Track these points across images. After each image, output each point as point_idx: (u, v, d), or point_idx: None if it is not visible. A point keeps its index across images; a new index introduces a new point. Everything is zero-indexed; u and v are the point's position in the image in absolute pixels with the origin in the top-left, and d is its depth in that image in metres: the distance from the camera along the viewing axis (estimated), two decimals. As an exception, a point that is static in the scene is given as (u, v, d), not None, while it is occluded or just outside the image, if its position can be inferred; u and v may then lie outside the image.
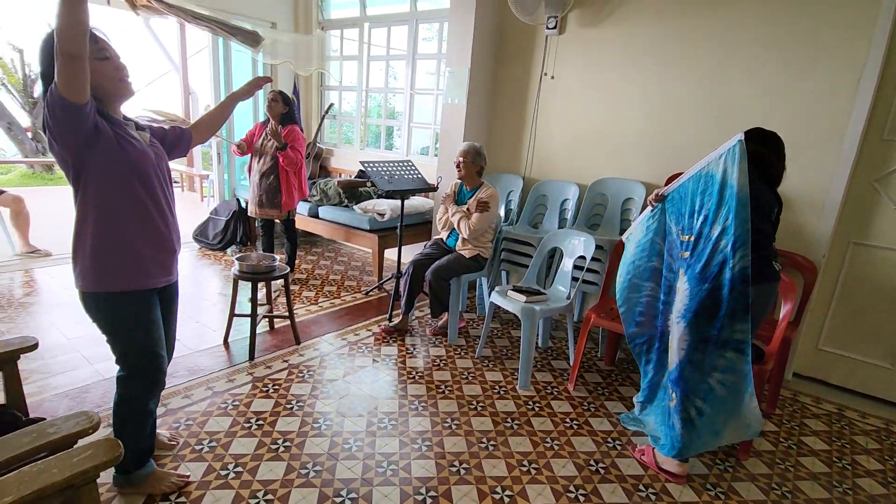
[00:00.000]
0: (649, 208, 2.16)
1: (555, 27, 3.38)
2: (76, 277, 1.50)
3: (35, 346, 1.47)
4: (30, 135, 10.26)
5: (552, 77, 3.53)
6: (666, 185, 2.13)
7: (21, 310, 3.03)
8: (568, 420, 2.34)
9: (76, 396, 2.21)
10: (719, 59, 2.88)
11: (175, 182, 7.88)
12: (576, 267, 2.86)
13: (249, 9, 4.74)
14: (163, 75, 7.08)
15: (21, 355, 1.45)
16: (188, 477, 1.77)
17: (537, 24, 3.47)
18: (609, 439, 2.22)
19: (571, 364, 2.78)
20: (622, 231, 3.26)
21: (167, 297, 1.70)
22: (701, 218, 1.88)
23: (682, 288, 1.94)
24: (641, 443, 2.19)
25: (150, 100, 6.85)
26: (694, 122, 3.01)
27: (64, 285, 3.45)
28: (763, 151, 1.95)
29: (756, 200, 1.78)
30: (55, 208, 5.50)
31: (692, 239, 1.91)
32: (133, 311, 1.55)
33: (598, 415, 2.41)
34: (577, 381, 2.66)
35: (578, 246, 2.82)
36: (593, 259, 2.76)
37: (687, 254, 1.93)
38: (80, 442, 1.10)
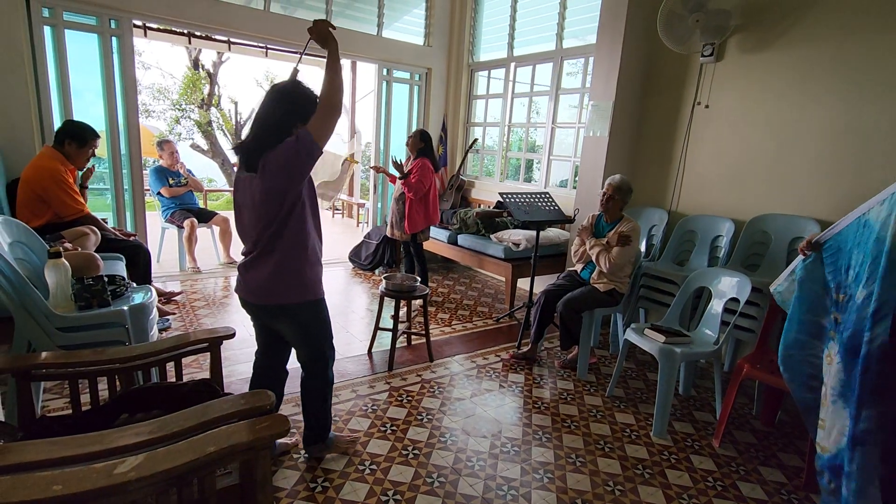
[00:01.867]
0: (800, 257, 1.89)
1: (711, 54, 3.20)
2: (294, 291, 1.75)
3: (233, 336, 1.82)
4: (235, 169, 12.70)
5: (706, 106, 3.32)
6: None
7: (220, 308, 3.75)
8: (710, 479, 2.11)
9: (254, 383, 2.65)
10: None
11: (337, 209, 9.06)
12: (728, 311, 2.59)
13: (409, 57, 5.32)
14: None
15: (223, 342, 1.83)
16: (357, 436, 2.19)
17: (690, 53, 3.32)
18: (761, 509, 1.94)
19: (718, 418, 2.50)
20: (788, 274, 2.87)
21: None
22: (853, 274, 1.60)
23: (835, 359, 1.65)
24: (804, 521, 1.87)
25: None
26: (893, 148, 2.57)
27: (250, 291, 4.15)
28: None
29: None
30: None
31: (845, 299, 1.63)
32: (328, 310, 1.91)
33: (749, 479, 2.12)
34: (723, 438, 2.39)
35: (731, 287, 2.56)
36: (750, 303, 2.48)
37: (840, 316, 1.65)
38: (260, 415, 1.35)
